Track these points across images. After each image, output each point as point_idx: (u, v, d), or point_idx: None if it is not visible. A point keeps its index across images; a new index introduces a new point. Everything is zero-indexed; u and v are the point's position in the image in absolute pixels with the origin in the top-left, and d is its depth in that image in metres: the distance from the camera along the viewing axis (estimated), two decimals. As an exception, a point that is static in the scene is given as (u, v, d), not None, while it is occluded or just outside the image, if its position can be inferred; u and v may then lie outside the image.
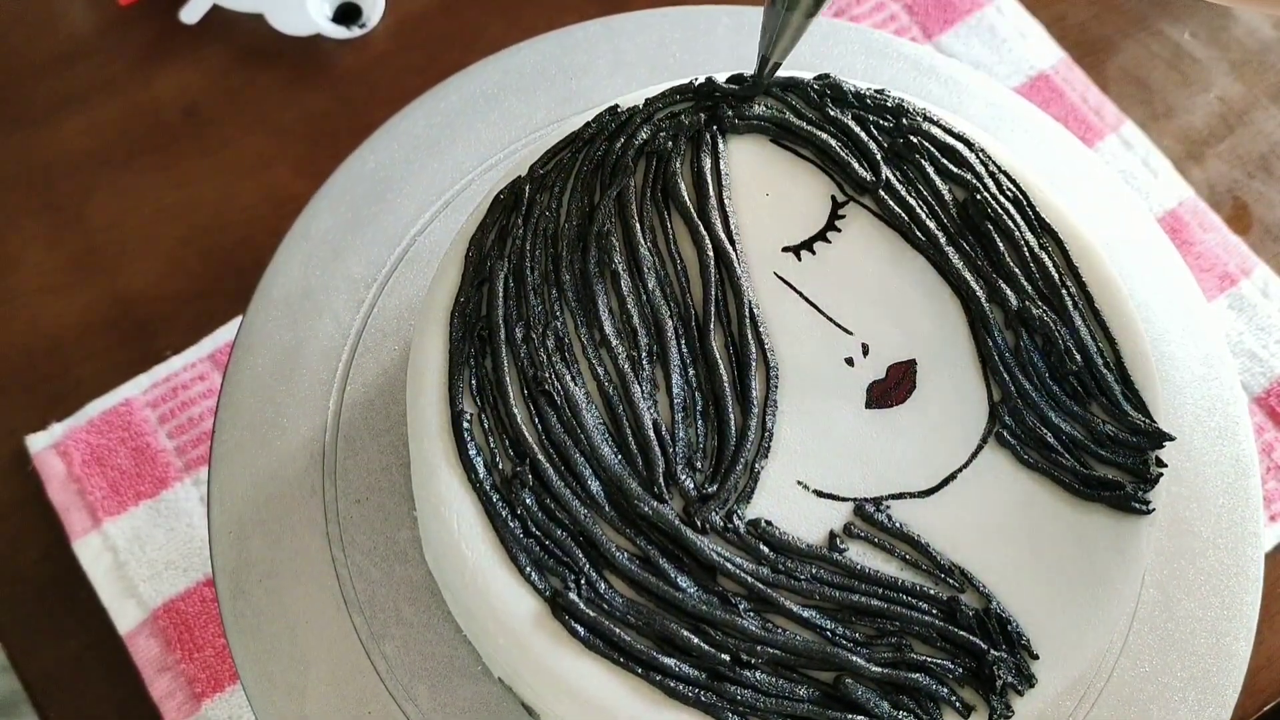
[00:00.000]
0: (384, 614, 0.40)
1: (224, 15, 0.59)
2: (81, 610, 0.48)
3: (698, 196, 0.39)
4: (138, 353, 0.52)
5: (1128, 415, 0.37)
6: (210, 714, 0.46)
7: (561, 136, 0.40)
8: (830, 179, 0.40)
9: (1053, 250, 0.39)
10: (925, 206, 0.39)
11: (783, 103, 0.40)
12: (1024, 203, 0.40)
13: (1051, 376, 0.37)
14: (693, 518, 0.34)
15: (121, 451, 0.50)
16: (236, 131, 0.57)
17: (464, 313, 0.37)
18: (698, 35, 0.50)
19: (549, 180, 0.38)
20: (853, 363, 0.37)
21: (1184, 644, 0.41)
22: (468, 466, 0.35)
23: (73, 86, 0.58)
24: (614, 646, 0.33)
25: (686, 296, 0.37)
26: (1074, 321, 0.38)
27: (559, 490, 0.34)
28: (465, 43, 0.58)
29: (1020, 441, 0.37)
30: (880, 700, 0.33)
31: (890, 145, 0.40)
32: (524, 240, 0.37)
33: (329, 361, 0.44)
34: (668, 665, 0.33)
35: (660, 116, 0.40)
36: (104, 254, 0.55)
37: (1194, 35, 0.60)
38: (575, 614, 0.33)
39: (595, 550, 0.34)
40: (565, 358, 0.36)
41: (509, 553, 0.34)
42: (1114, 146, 0.57)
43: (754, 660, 0.33)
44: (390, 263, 0.45)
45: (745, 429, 0.36)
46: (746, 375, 0.36)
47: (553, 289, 0.37)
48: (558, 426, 0.35)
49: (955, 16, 0.60)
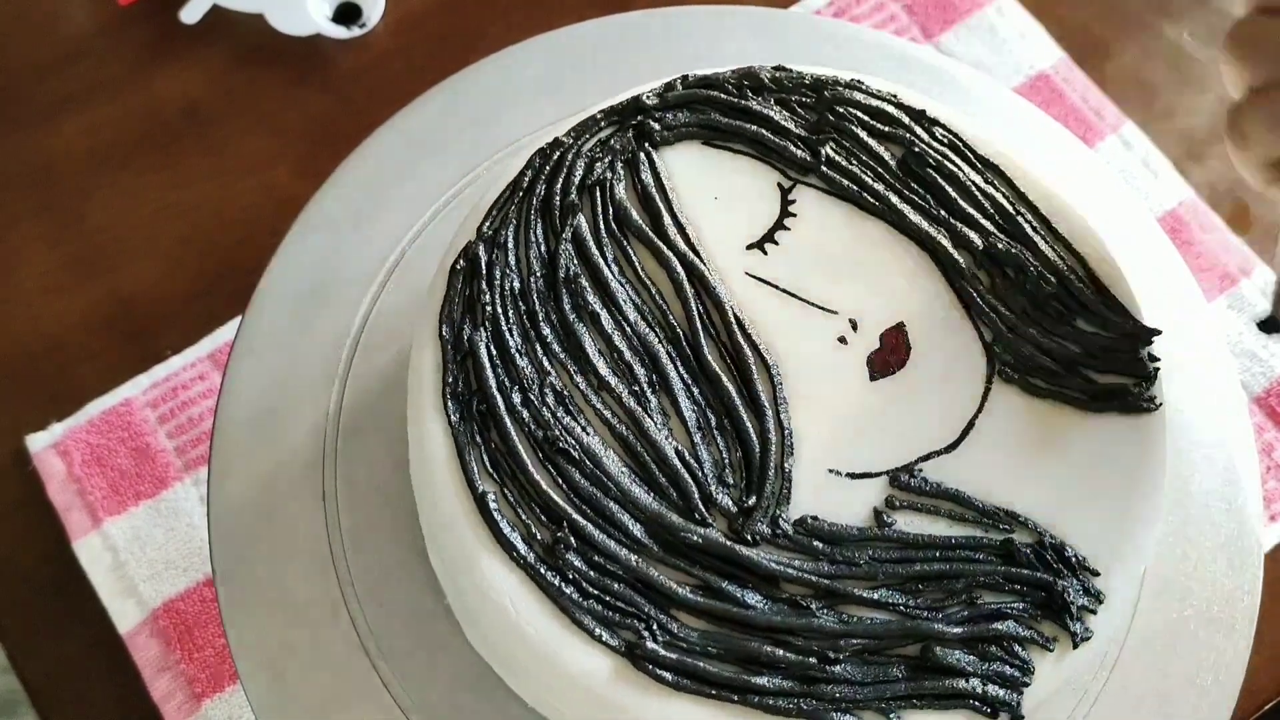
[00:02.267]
0: (384, 613, 0.40)
1: (224, 15, 0.59)
2: (81, 610, 0.48)
3: (650, 217, 0.39)
4: (138, 353, 0.52)
5: (1112, 321, 0.38)
6: (210, 714, 0.46)
7: (500, 190, 0.39)
8: (772, 167, 0.40)
9: (999, 184, 0.40)
10: (869, 171, 0.40)
11: (705, 103, 0.40)
12: (960, 145, 0.40)
13: (1033, 304, 0.38)
14: (741, 533, 0.34)
15: (121, 451, 0.50)
16: (236, 131, 0.57)
17: (455, 394, 0.36)
18: (699, 35, 0.50)
19: (500, 238, 0.38)
20: (846, 340, 0.37)
21: (1184, 644, 0.41)
22: (507, 546, 0.34)
23: (73, 86, 0.58)
24: (704, 680, 0.33)
25: (669, 318, 0.37)
26: (1038, 246, 0.39)
27: (603, 544, 0.34)
28: (465, 43, 0.58)
29: (1023, 373, 0.37)
30: (969, 657, 0.34)
31: (818, 120, 0.40)
32: (494, 304, 0.36)
33: (329, 361, 0.44)
34: (761, 685, 0.33)
35: (589, 147, 0.39)
36: (104, 254, 0.55)
37: (1194, 35, 0.60)
38: (657, 660, 0.33)
39: (656, 592, 0.34)
40: (569, 410, 0.35)
41: (572, 619, 0.33)
42: (1114, 146, 0.57)
43: (841, 655, 0.33)
44: (390, 262, 0.45)
45: (765, 433, 0.36)
46: (750, 381, 0.36)
47: (536, 346, 0.36)
48: (583, 481, 0.35)
49: (955, 17, 0.60)
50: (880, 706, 0.33)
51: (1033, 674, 0.34)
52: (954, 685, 0.33)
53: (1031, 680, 0.34)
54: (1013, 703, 0.33)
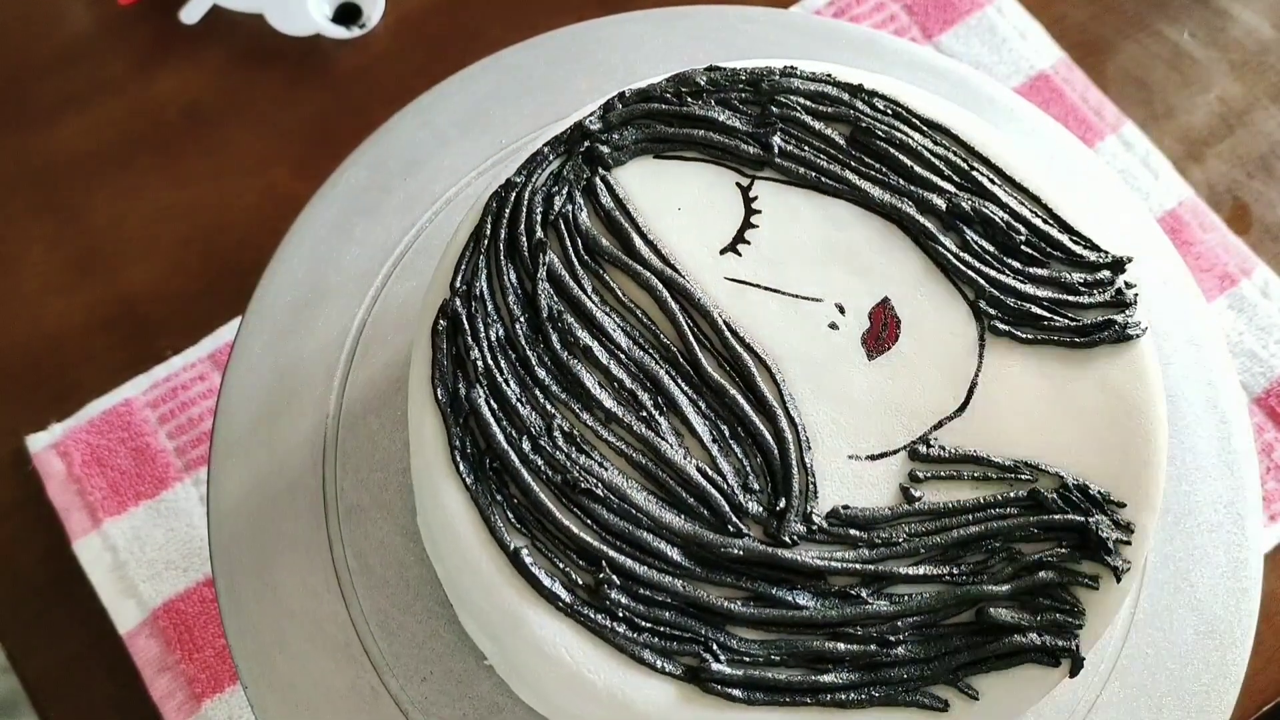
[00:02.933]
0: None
1: (224, 15, 0.59)
2: (81, 610, 0.48)
3: (619, 240, 0.38)
4: (138, 353, 0.52)
5: (1084, 257, 0.39)
6: (210, 714, 0.46)
7: (464, 239, 0.38)
8: (727, 168, 0.40)
9: (948, 143, 0.40)
10: (822, 154, 0.40)
11: (648, 117, 0.40)
12: (904, 112, 0.41)
13: (1006, 254, 0.39)
14: (778, 537, 0.35)
15: (121, 451, 0.50)
16: (236, 131, 0.57)
17: (465, 455, 0.35)
18: (698, 35, 0.50)
19: (474, 289, 0.37)
20: (836, 326, 0.38)
21: (1183, 644, 0.41)
22: (551, 598, 0.34)
23: (73, 86, 0.58)
24: (774, 690, 0.33)
25: (661, 338, 0.37)
26: (999, 197, 0.39)
27: (646, 575, 0.34)
28: (465, 43, 0.58)
29: (1010, 324, 0.38)
30: (1021, 613, 0.34)
31: (762, 113, 0.40)
32: (483, 357, 0.36)
33: (329, 361, 0.44)
34: (830, 682, 0.33)
35: (542, 181, 0.39)
36: (104, 254, 0.55)
37: (1193, 35, 0.60)
38: (724, 679, 0.33)
39: (708, 612, 0.34)
40: (582, 449, 0.35)
41: (632, 655, 0.33)
42: (1114, 146, 0.57)
43: (900, 636, 0.34)
44: (390, 262, 0.45)
45: (779, 432, 0.36)
46: (753, 384, 0.36)
47: (535, 391, 0.36)
48: (612, 517, 0.34)
49: (955, 16, 0.60)
50: (948, 678, 0.34)
51: (1084, 615, 0.35)
52: (1013, 642, 0.34)
53: (1084, 622, 0.34)
54: (1072, 647, 0.34)
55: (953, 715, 0.33)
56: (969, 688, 0.34)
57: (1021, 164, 0.40)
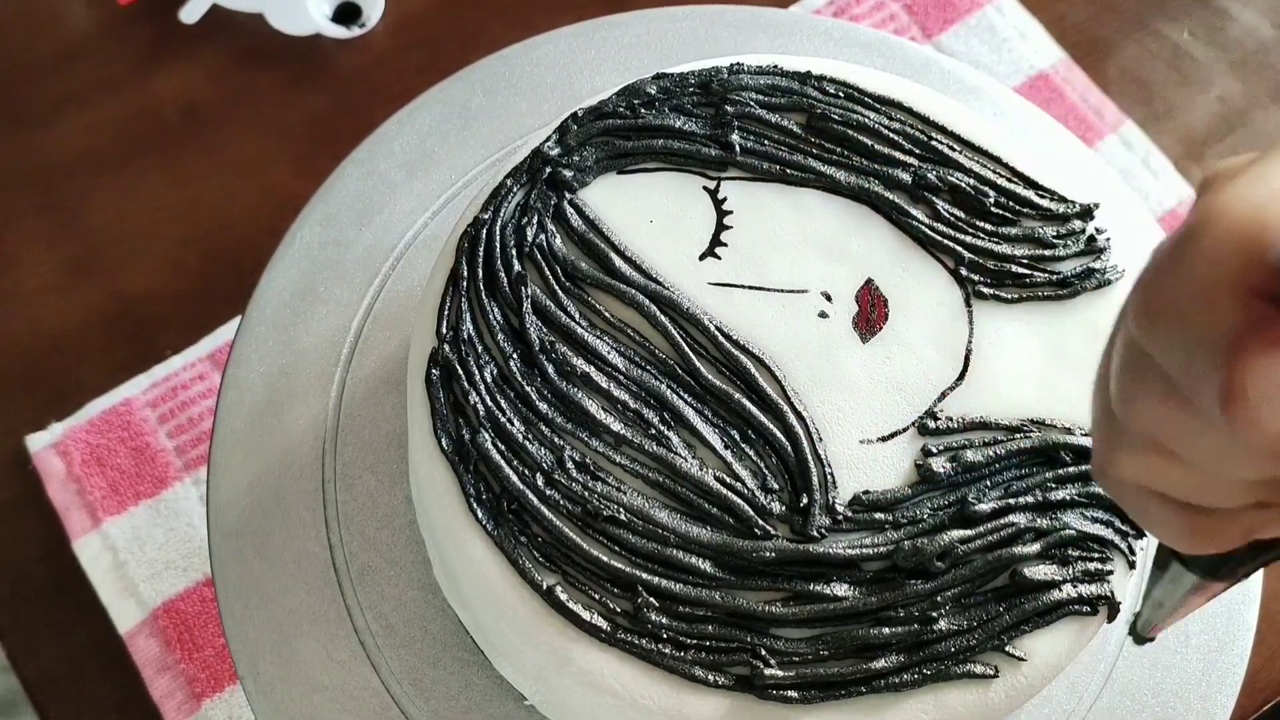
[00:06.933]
0: (384, 613, 0.40)
1: (224, 15, 0.59)
2: (81, 610, 0.48)
3: (598, 261, 0.38)
4: (138, 353, 0.52)
5: (1052, 210, 0.40)
6: (210, 714, 0.46)
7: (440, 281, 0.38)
8: (691, 173, 0.40)
9: (903, 117, 0.41)
10: (783, 146, 0.40)
11: (604, 134, 0.40)
12: (855, 93, 0.41)
13: (978, 218, 0.39)
14: (806, 532, 0.35)
15: (121, 451, 0.50)
16: (236, 131, 0.57)
17: (481, 502, 0.35)
18: (698, 35, 0.50)
19: (462, 333, 0.36)
20: (826, 314, 0.38)
21: (1183, 644, 0.41)
22: (593, 630, 0.33)
23: (73, 86, 0.58)
24: (830, 686, 0.33)
25: (657, 353, 0.37)
26: (962, 163, 0.40)
27: (683, 593, 0.34)
28: (465, 43, 0.58)
29: (995, 286, 0.38)
30: (1052, 567, 0.35)
31: (717, 114, 0.40)
32: (482, 400, 0.35)
33: (328, 361, 0.44)
34: (883, 668, 0.33)
35: (510, 214, 0.38)
36: (104, 254, 0.54)
37: (1193, 35, 0.61)
38: (778, 683, 0.33)
39: (750, 618, 0.34)
40: (597, 477, 0.35)
41: (682, 674, 0.33)
42: (1114, 146, 0.58)
43: (942, 610, 0.34)
44: (390, 262, 0.45)
45: (789, 428, 0.36)
46: (754, 384, 0.36)
47: (540, 425, 0.35)
48: (639, 540, 0.34)
49: (955, 16, 0.60)
50: (994, 644, 0.34)
51: (1112, 561, 0.35)
52: (1050, 598, 0.34)
53: (1113, 567, 0.35)
54: (1107, 593, 0.35)
55: (1003, 680, 0.34)
56: (1015, 650, 0.34)
57: (978, 127, 0.41)
